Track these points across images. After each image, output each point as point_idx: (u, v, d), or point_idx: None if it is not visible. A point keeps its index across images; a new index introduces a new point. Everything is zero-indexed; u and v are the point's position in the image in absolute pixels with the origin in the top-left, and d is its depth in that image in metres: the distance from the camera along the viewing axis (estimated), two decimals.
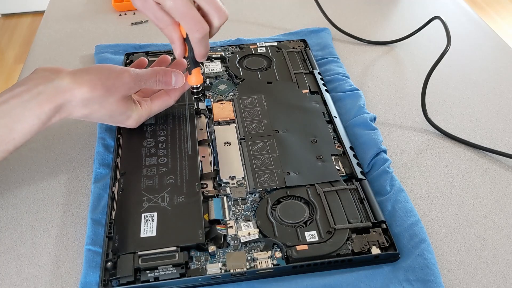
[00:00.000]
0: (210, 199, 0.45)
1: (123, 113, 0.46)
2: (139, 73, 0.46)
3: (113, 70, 0.44)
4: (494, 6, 2.48)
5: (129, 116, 0.47)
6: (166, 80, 0.47)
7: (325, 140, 0.51)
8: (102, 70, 0.44)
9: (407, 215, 0.43)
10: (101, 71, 0.43)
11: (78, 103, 0.42)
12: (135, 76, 0.45)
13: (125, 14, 0.77)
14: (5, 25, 2.32)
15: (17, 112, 0.40)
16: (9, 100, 0.40)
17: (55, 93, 0.41)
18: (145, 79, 0.46)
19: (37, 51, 0.68)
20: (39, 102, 0.40)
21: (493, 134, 0.55)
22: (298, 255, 0.40)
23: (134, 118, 0.47)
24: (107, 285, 0.38)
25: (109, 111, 0.45)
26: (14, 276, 0.41)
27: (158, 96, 0.50)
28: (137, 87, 0.45)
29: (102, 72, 0.43)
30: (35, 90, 0.40)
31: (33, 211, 0.46)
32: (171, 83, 0.48)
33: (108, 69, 0.44)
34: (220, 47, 0.66)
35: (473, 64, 0.66)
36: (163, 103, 0.50)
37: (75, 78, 0.42)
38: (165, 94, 0.50)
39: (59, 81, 0.41)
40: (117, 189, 0.45)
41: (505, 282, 0.40)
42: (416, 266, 0.40)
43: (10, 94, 0.40)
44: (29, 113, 0.40)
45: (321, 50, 0.67)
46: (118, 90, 0.44)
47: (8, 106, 0.40)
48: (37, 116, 0.40)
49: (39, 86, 0.41)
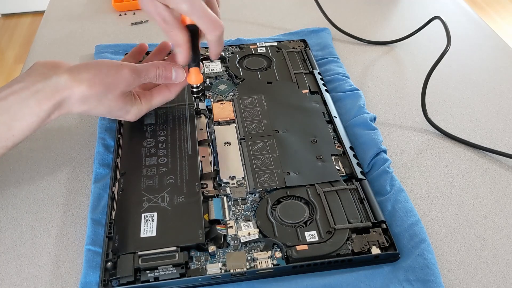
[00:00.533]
0: (210, 199, 0.45)
1: (122, 109, 0.46)
2: (139, 68, 0.45)
3: (112, 66, 0.44)
4: (494, 6, 2.48)
5: (128, 111, 0.46)
6: (166, 75, 0.47)
7: (325, 140, 0.51)
8: (101, 66, 0.43)
9: (407, 215, 0.43)
10: (100, 68, 0.43)
11: (77, 100, 0.42)
12: (134, 71, 0.44)
13: (125, 14, 0.77)
14: (5, 25, 2.32)
15: (16, 110, 0.40)
16: (7, 97, 0.40)
17: (53, 91, 0.41)
18: (144, 74, 0.45)
19: (37, 51, 0.68)
20: (38, 100, 0.40)
21: (493, 134, 0.55)
22: (298, 255, 0.40)
23: (134, 112, 0.47)
24: (107, 285, 0.38)
25: (108, 107, 0.44)
26: (14, 276, 0.41)
27: (158, 90, 0.49)
28: (136, 83, 0.45)
29: (100, 69, 0.43)
30: (34, 88, 0.40)
31: (33, 211, 0.46)
32: (171, 78, 0.47)
33: (107, 66, 0.43)
34: None
35: (473, 64, 0.66)
36: (163, 97, 0.49)
37: (73, 75, 0.41)
38: (166, 88, 0.49)
39: (57, 78, 0.41)
40: (117, 189, 0.45)
41: (505, 282, 0.40)
42: (416, 266, 0.40)
43: (9, 91, 0.40)
44: (28, 111, 0.40)
45: (321, 50, 0.67)
46: (117, 87, 0.43)
47: (7, 103, 0.40)
48: (36, 114, 0.40)
49: (37, 84, 0.41)
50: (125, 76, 0.44)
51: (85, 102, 0.42)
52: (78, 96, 0.42)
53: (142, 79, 0.45)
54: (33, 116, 0.40)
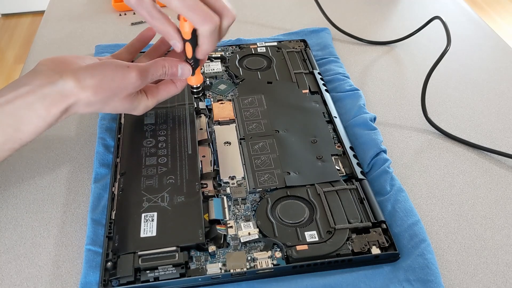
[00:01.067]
0: (210, 199, 0.45)
1: (128, 108, 0.46)
2: (146, 68, 0.45)
3: (119, 70, 0.43)
4: (494, 6, 2.48)
5: (135, 108, 0.46)
6: (172, 72, 0.47)
7: (325, 140, 0.51)
8: (106, 71, 0.43)
9: (407, 215, 0.43)
10: (105, 73, 0.42)
11: (83, 105, 0.42)
12: (142, 74, 0.44)
13: (125, 14, 0.77)
14: (5, 25, 2.32)
15: (23, 114, 0.40)
16: (14, 101, 0.40)
17: (60, 97, 0.40)
18: (151, 74, 0.45)
19: (37, 51, 0.68)
20: (45, 106, 0.40)
21: (493, 134, 0.55)
22: (298, 255, 0.40)
23: (141, 109, 0.47)
24: (107, 285, 0.38)
25: (114, 109, 0.45)
26: (14, 276, 0.41)
27: (165, 85, 0.49)
28: (143, 84, 0.45)
29: (106, 73, 0.42)
30: (40, 93, 0.40)
31: (33, 211, 0.46)
32: (177, 74, 0.47)
33: (113, 70, 0.43)
34: (220, 47, 0.66)
35: (473, 64, 0.66)
36: (169, 92, 0.49)
37: (79, 81, 0.41)
38: (172, 83, 0.49)
39: (63, 83, 0.41)
40: (117, 189, 0.45)
41: (505, 282, 0.40)
42: (416, 266, 0.40)
43: (15, 94, 0.40)
44: (35, 115, 0.40)
45: (321, 50, 0.67)
46: (123, 91, 0.43)
47: (13, 107, 0.40)
48: (43, 119, 0.40)
49: (43, 88, 0.40)
50: (132, 80, 0.43)
51: (90, 106, 0.42)
52: (84, 102, 0.41)
53: (149, 79, 0.45)
54: (40, 120, 0.40)
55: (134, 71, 0.43)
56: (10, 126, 0.40)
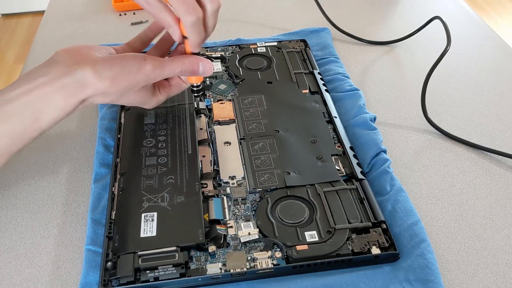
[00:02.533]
0: (210, 199, 0.45)
1: (142, 101, 0.47)
2: (164, 64, 0.44)
3: (136, 62, 0.43)
4: (494, 6, 2.48)
5: (148, 101, 0.47)
6: (193, 69, 0.46)
7: (325, 140, 0.51)
8: (124, 63, 0.43)
9: (407, 215, 0.43)
10: (123, 65, 0.42)
11: (100, 96, 0.42)
12: (158, 67, 0.44)
13: (125, 14, 0.77)
14: (5, 25, 2.32)
15: (42, 104, 0.40)
16: (33, 91, 0.40)
17: (78, 87, 0.41)
18: (168, 70, 0.45)
19: (37, 51, 0.68)
20: (64, 97, 0.40)
21: (493, 134, 0.55)
22: (298, 255, 0.40)
23: (153, 103, 0.48)
24: (107, 285, 0.38)
25: (128, 101, 0.46)
26: (14, 276, 0.41)
27: (177, 82, 0.49)
28: (159, 78, 0.45)
29: (124, 66, 0.42)
30: (59, 83, 0.40)
31: (33, 211, 0.46)
32: (198, 72, 0.47)
33: (130, 62, 0.43)
34: (220, 47, 0.66)
35: (473, 64, 0.67)
36: (180, 88, 0.50)
37: (97, 72, 0.41)
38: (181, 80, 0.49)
39: (82, 73, 0.41)
40: (117, 189, 0.45)
41: (505, 282, 0.40)
42: (416, 266, 0.40)
43: (33, 84, 0.40)
44: (54, 105, 0.40)
45: (321, 50, 0.67)
46: (139, 83, 0.43)
47: (32, 97, 0.40)
48: (62, 109, 0.41)
49: (62, 78, 0.40)
50: (147, 73, 0.43)
51: (107, 97, 0.43)
52: (101, 92, 0.42)
53: (165, 75, 0.45)
54: (59, 110, 0.41)
55: (150, 64, 0.43)
56: (29, 117, 0.40)
